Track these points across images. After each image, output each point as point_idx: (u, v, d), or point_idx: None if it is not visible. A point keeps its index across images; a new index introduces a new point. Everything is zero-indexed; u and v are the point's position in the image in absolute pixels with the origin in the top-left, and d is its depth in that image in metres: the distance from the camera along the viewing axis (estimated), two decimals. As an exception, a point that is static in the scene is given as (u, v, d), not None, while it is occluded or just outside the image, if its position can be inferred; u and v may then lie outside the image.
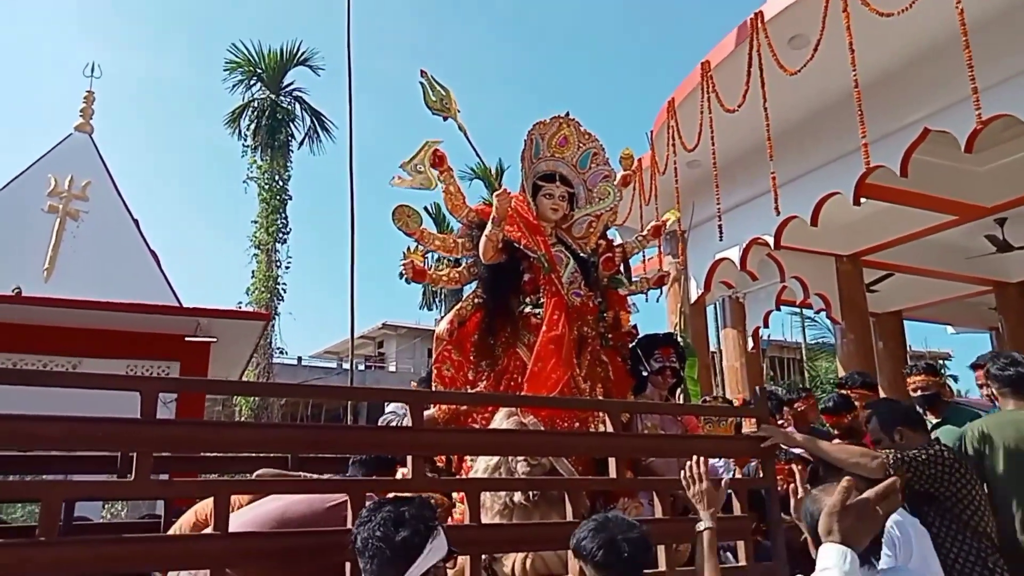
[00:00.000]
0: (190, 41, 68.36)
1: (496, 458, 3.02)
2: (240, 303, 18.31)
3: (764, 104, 5.71)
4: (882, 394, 6.29)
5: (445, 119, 3.99)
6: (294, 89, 20.68)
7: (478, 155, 4.07)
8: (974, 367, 5.30)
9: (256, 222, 19.27)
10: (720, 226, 6.54)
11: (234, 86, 20.38)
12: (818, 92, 6.56)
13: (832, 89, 6.43)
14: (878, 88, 6.28)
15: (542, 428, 3.24)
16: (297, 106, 20.49)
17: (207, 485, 2.53)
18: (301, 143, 20.39)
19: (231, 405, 17.47)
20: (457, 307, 4.14)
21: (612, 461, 2.84)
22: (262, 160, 19.44)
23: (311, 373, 26.14)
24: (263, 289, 18.59)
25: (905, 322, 11.58)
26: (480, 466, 3.11)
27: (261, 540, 2.30)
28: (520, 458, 2.98)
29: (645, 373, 4.10)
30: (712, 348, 12.78)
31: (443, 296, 24.23)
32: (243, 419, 16.82)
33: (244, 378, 14.28)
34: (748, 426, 4.29)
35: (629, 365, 4.16)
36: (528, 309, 3.92)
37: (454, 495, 3.17)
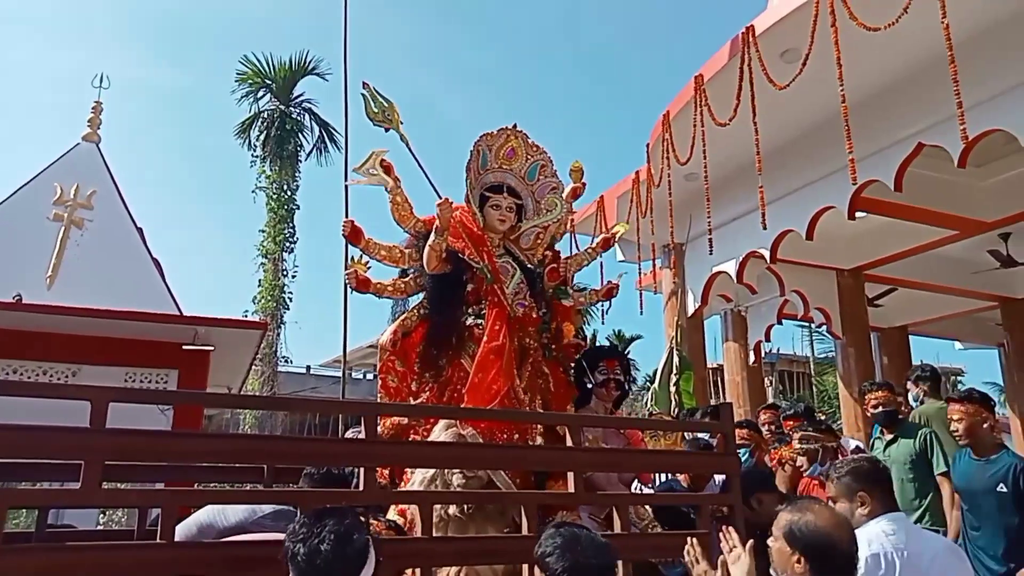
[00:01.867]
0: (203, 54, 69.24)
1: (432, 470, 3.00)
2: (246, 312, 18.43)
3: (754, 118, 5.69)
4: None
5: (387, 130, 4.02)
6: (303, 100, 20.87)
7: (421, 167, 4.07)
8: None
9: (264, 231, 19.40)
10: (711, 240, 6.51)
11: (243, 97, 20.63)
12: (811, 106, 6.53)
13: (825, 103, 6.39)
14: (871, 102, 6.25)
15: (480, 440, 3.22)
16: (306, 117, 20.67)
17: (151, 495, 2.54)
18: (309, 154, 20.55)
19: (236, 413, 17.55)
20: (402, 317, 4.14)
21: (571, 475, 2.81)
22: (270, 170, 19.59)
23: (319, 382, 26.17)
24: (269, 298, 18.69)
25: (912, 337, 11.47)
26: (417, 478, 3.10)
27: (205, 549, 2.30)
28: (456, 470, 2.96)
29: (590, 385, 4.07)
30: (718, 361, 12.74)
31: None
32: (247, 428, 16.91)
33: (248, 386, 14.34)
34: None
35: (573, 377, 4.14)
36: (471, 320, 3.91)
37: (392, 514, 3.14)
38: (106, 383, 3.57)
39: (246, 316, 17.27)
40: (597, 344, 4.50)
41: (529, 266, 4.12)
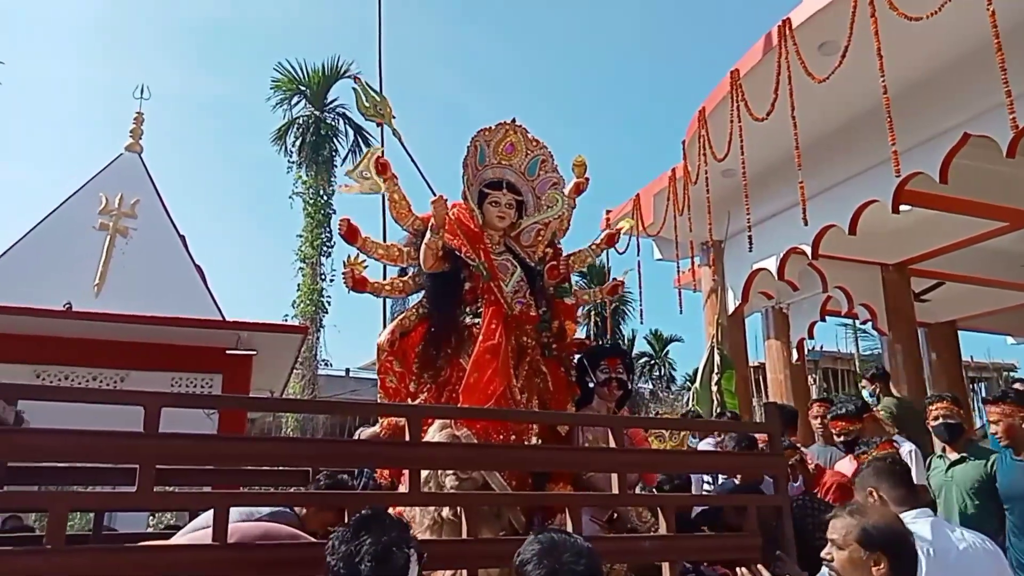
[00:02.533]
0: (239, 63, 70.41)
1: (426, 472, 2.94)
2: (286, 316, 18.71)
3: (792, 112, 5.60)
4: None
5: (379, 125, 3.99)
6: (338, 105, 21.11)
7: (413, 161, 4.05)
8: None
9: (301, 236, 19.68)
10: (750, 237, 6.42)
11: (278, 103, 20.96)
12: (851, 98, 6.41)
13: (866, 95, 6.26)
14: (914, 92, 6.11)
15: (475, 441, 3.17)
16: (341, 122, 20.91)
17: (206, 497, 2.60)
18: (345, 158, 20.77)
19: (279, 417, 17.80)
20: (400, 317, 4.07)
21: (615, 477, 2.79)
22: (307, 175, 19.87)
23: (359, 384, 26.41)
24: (308, 302, 18.95)
25: (961, 332, 11.18)
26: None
27: (257, 551, 2.34)
28: (449, 472, 2.91)
29: (591, 385, 3.95)
30: (759, 360, 12.56)
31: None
32: (290, 432, 17.14)
33: (289, 390, 14.53)
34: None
35: (574, 376, 4.04)
36: (469, 319, 3.84)
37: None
38: (153, 388, 3.68)
39: (286, 320, 17.52)
40: (602, 343, 4.36)
41: (530, 263, 4.05)
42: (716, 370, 8.02)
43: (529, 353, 3.89)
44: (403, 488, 2.57)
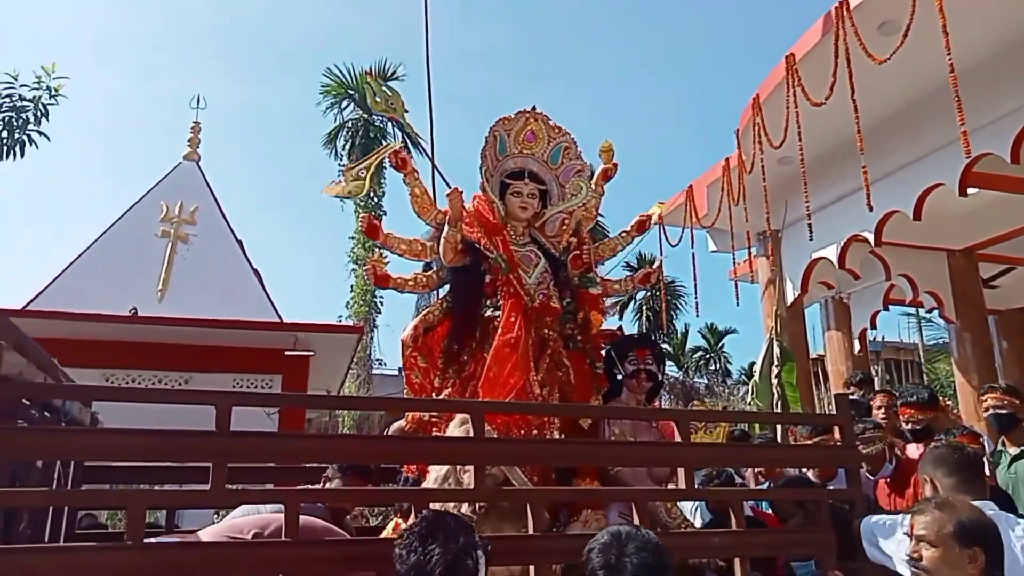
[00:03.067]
0: (291, 70, 71.77)
1: (445, 468, 2.91)
2: (340, 317, 18.98)
3: (852, 96, 5.43)
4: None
5: (391, 120, 3.94)
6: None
7: (430, 158, 4.00)
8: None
9: (353, 238, 19.94)
10: (810, 225, 6.25)
11: (328, 108, 21.27)
12: (913, 80, 6.19)
13: (929, 75, 6.05)
14: (981, 70, 5.86)
15: (495, 436, 3.11)
16: (389, 124, 21.09)
17: (276, 494, 2.64)
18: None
19: (334, 416, 18.09)
20: (424, 312, 4.02)
21: (682, 472, 2.74)
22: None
23: (412, 384, 26.62)
24: (362, 303, 19.19)
25: (1034, 319, 10.71)
26: (431, 476, 3.01)
27: (324, 547, 2.36)
28: (469, 468, 2.86)
29: (620, 377, 3.79)
30: (817, 352, 12.26)
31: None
32: (346, 430, 17.39)
33: (344, 390, 14.75)
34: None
35: (602, 368, 3.90)
36: (490, 312, 3.78)
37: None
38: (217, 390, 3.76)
39: (340, 321, 17.79)
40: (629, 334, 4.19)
41: (554, 254, 3.97)
42: (776, 363, 7.83)
43: (551, 345, 3.80)
44: (473, 484, 2.55)
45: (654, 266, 5.02)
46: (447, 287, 4.06)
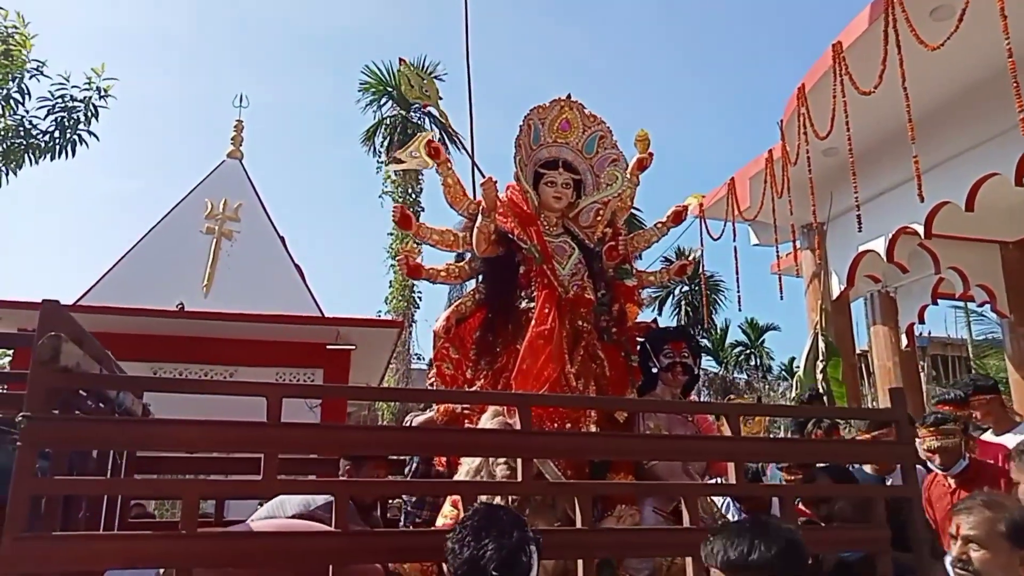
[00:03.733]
0: (330, 68, 72.53)
1: (478, 460, 2.87)
2: (379, 312, 19.14)
3: (903, 84, 5.28)
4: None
5: (425, 107, 3.90)
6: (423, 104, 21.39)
7: (464, 148, 3.93)
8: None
9: (392, 234, 20.03)
10: (859, 216, 6.11)
11: (367, 105, 21.44)
12: (967, 66, 6.01)
13: (984, 61, 5.86)
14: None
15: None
16: (426, 120, 21.19)
17: (324, 485, 2.66)
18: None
19: (375, 410, 18.26)
20: (457, 303, 3.98)
21: (731, 466, 2.70)
22: (395, 175, 20.24)
23: (450, 378, 26.74)
24: (400, 298, 19.32)
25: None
26: (463, 469, 2.98)
27: (375, 538, 2.37)
28: (500, 461, 2.81)
29: (655, 370, 3.69)
30: (861, 347, 12.00)
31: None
32: (385, 422, 17.56)
33: (384, 384, 14.88)
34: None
35: (636, 361, 3.82)
36: (524, 304, 3.71)
37: (448, 505, 3.04)
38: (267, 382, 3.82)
39: (379, 316, 17.94)
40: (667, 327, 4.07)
41: (588, 245, 3.90)
42: (821, 358, 7.70)
43: (585, 337, 3.74)
44: (520, 478, 2.54)
45: (690, 258, 4.93)
46: (480, 278, 4.02)
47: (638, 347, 3.89)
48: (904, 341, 9.57)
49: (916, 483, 2.90)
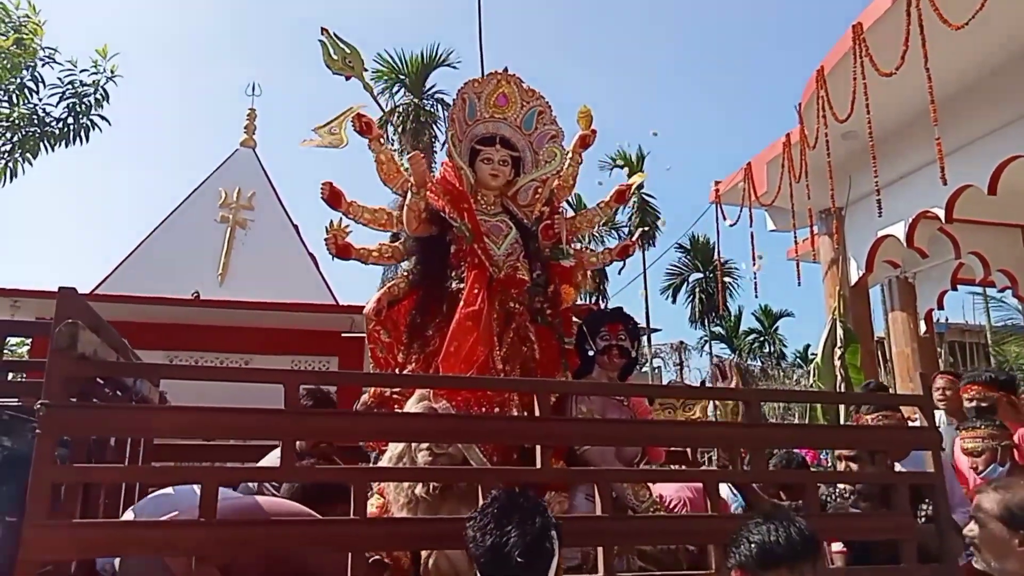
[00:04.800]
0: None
1: (401, 446, 2.81)
2: (394, 300, 19.11)
3: (926, 64, 5.19)
4: None
5: (348, 78, 3.69)
6: (436, 92, 21.31)
7: (390, 121, 3.76)
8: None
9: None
10: (879, 201, 6.03)
11: (379, 93, 21.35)
12: (991, 46, 5.89)
13: (1011, 41, 5.76)
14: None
15: (453, 412, 2.99)
16: (439, 108, 21.11)
17: (345, 472, 2.65)
18: (444, 144, 20.94)
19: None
20: (389, 284, 3.84)
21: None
22: (408, 162, 20.18)
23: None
24: (412, 286, 19.32)
25: (1113, 299, 10.20)
26: (386, 455, 2.92)
27: (397, 525, 2.36)
28: (423, 446, 2.74)
29: (591, 353, 3.55)
30: (878, 334, 11.89)
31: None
32: (400, 411, 17.62)
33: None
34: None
35: (572, 344, 3.69)
36: (455, 285, 3.60)
37: (374, 485, 2.98)
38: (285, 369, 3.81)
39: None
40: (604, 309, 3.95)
41: (526, 224, 3.79)
42: (839, 344, 7.61)
43: (516, 319, 3.63)
44: (539, 464, 2.51)
45: (633, 238, 4.85)
46: (413, 259, 3.87)
47: (574, 329, 3.77)
48: (923, 327, 9.47)
49: (941, 469, 2.86)
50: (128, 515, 2.56)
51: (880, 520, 2.77)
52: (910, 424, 3.51)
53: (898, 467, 3.26)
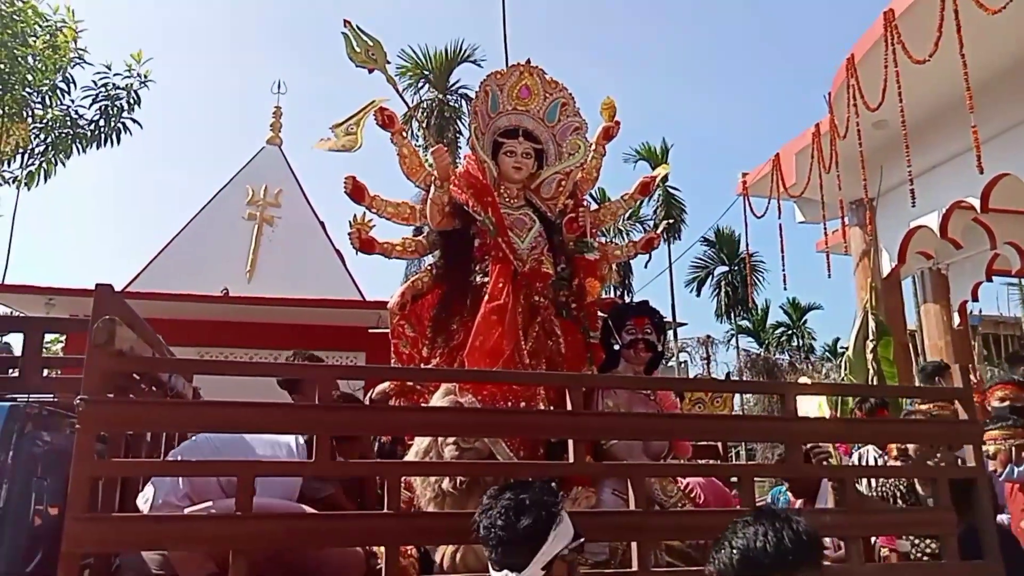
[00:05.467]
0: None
1: (427, 441, 2.78)
2: (419, 296, 19.19)
3: (961, 51, 5.08)
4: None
5: (371, 71, 3.66)
6: (460, 87, 21.35)
7: (415, 115, 3.75)
8: None
9: (429, 216, 20.12)
10: (912, 191, 5.91)
11: (404, 89, 21.45)
12: (1029, 29, 5.74)
13: (1047, 24, 5.61)
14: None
15: (479, 407, 2.97)
16: (464, 103, 21.14)
17: (379, 467, 2.66)
18: (468, 139, 20.95)
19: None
20: (413, 279, 3.82)
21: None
22: (431, 156, 20.24)
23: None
24: (440, 282, 19.39)
25: None
26: (412, 450, 2.89)
27: (427, 519, 2.36)
28: (450, 441, 2.71)
29: (617, 347, 3.50)
30: (912, 326, 11.70)
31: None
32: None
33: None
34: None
35: (596, 338, 3.64)
36: (479, 279, 3.56)
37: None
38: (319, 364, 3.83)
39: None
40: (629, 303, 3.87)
41: (550, 217, 3.75)
42: (871, 337, 7.50)
43: (542, 313, 3.59)
44: (571, 458, 2.50)
45: (658, 231, 4.78)
46: (437, 252, 3.85)
47: (599, 323, 3.73)
48: (956, 319, 9.29)
49: (983, 463, 2.80)
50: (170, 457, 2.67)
51: (919, 515, 2.71)
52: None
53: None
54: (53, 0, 7.58)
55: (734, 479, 3.00)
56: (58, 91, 7.78)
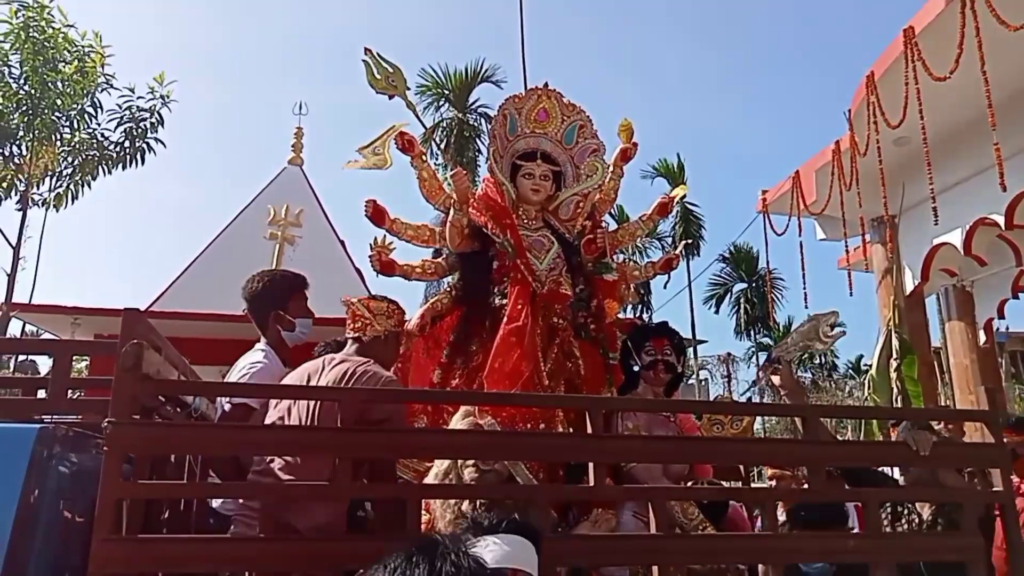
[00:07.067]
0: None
1: (447, 463, 2.78)
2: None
3: (983, 67, 5.05)
4: None
5: (391, 98, 3.72)
6: (480, 106, 21.52)
7: (434, 139, 3.81)
8: None
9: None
10: (935, 208, 5.87)
11: (424, 108, 21.69)
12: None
13: (1071, 40, 5.56)
14: None
15: (498, 429, 2.96)
16: (483, 123, 21.30)
17: (399, 488, 2.66)
18: (487, 159, 21.06)
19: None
20: (432, 300, 3.84)
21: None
22: (451, 179, 20.36)
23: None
24: (457, 299, 19.45)
25: None
26: (432, 472, 2.89)
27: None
28: (470, 463, 2.71)
29: (636, 368, 3.48)
30: (937, 344, 11.54)
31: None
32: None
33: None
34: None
35: (616, 359, 3.64)
36: (499, 301, 3.57)
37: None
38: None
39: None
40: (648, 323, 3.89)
41: (568, 238, 3.77)
42: (895, 356, 7.40)
43: (560, 334, 3.61)
44: (592, 482, 2.49)
45: (676, 251, 4.80)
46: (456, 274, 3.90)
47: (618, 344, 3.73)
48: (982, 337, 9.16)
49: (1010, 486, 2.75)
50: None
51: (944, 540, 2.67)
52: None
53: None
54: (81, 25, 7.80)
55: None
56: (86, 115, 7.96)
